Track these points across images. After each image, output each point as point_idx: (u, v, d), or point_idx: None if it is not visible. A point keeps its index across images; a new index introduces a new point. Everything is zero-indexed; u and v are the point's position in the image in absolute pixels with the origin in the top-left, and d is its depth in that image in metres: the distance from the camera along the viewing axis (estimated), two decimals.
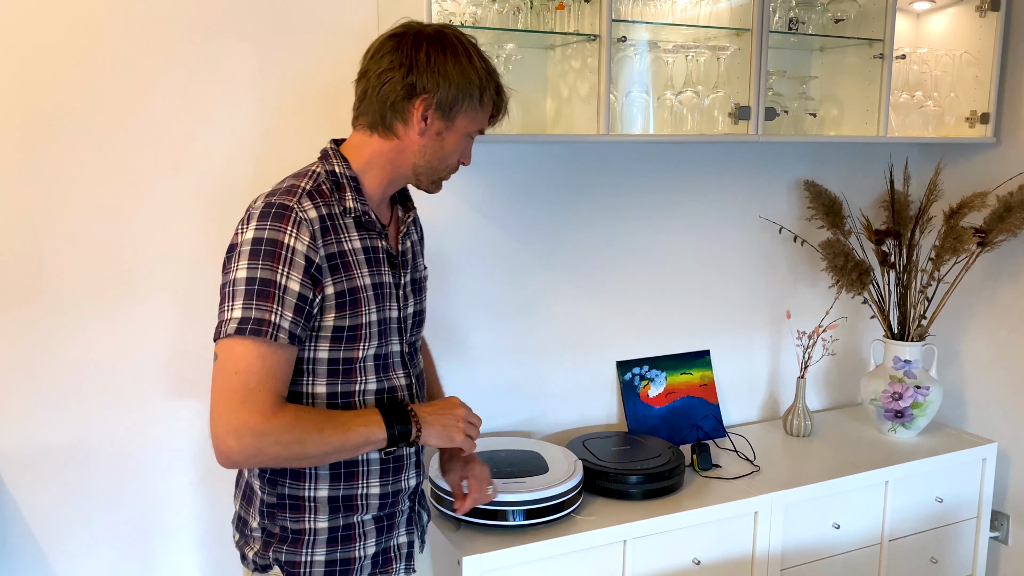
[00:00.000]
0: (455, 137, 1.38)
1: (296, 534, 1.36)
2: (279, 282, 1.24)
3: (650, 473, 1.97)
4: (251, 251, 1.24)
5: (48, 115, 1.68)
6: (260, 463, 1.28)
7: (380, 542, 1.42)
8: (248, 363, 1.22)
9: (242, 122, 1.83)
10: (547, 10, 1.92)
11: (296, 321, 1.25)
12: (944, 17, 2.49)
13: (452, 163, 1.42)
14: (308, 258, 1.26)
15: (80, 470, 1.79)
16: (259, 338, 1.22)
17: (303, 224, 1.26)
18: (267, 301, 1.23)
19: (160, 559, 1.89)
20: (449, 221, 2.07)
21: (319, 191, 1.32)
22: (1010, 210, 2.27)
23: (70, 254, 1.73)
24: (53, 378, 1.74)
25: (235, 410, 1.21)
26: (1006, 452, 2.47)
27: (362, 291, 1.33)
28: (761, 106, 2.07)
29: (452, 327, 2.11)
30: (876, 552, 2.23)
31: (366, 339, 1.35)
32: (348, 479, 1.37)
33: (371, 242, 1.36)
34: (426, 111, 1.33)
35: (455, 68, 1.32)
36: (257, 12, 1.81)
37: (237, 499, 1.44)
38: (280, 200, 1.28)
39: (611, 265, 2.29)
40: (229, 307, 1.24)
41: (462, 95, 1.34)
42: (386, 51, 1.33)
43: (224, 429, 1.21)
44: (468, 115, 1.37)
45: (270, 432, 1.22)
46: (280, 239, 1.24)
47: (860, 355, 2.72)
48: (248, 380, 1.22)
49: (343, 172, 1.35)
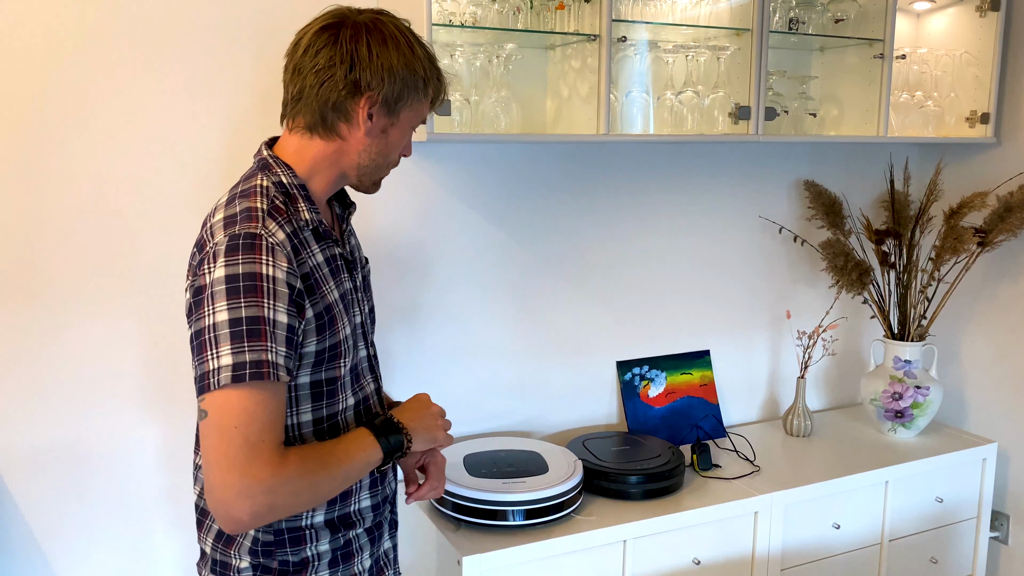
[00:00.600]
0: (399, 132, 1.29)
1: (298, 566, 1.29)
2: (268, 317, 1.12)
3: (650, 473, 1.97)
4: (228, 290, 1.12)
5: (45, 114, 1.68)
6: (271, 519, 1.14)
7: (373, 552, 1.40)
8: (248, 414, 1.10)
9: (242, 122, 1.83)
10: (547, 10, 1.92)
11: (289, 355, 1.15)
12: (944, 17, 2.49)
13: (394, 159, 1.33)
14: (290, 284, 1.15)
15: (79, 470, 1.79)
16: (260, 382, 1.11)
17: (277, 249, 1.15)
18: (260, 340, 1.11)
19: (159, 558, 1.89)
20: (448, 221, 2.08)
21: (276, 208, 1.19)
22: (1010, 210, 2.27)
23: (67, 253, 1.73)
24: (52, 377, 1.74)
25: (241, 470, 1.09)
26: (1006, 452, 2.47)
27: (335, 306, 1.25)
28: (761, 106, 2.07)
29: (452, 327, 2.11)
30: (876, 552, 2.23)
31: (345, 355, 1.28)
32: (343, 498, 1.32)
33: (329, 252, 1.27)
34: (371, 108, 1.23)
35: (399, 60, 1.23)
36: (256, 11, 1.81)
37: (206, 540, 1.31)
38: (244, 229, 1.15)
39: (611, 265, 2.29)
40: (214, 355, 1.11)
41: (407, 89, 1.25)
42: (321, 46, 1.22)
43: (232, 493, 1.09)
44: (412, 108, 1.28)
45: (283, 484, 1.12)
46: (259, 271, 1.13)
47: (860, 355, 2.72)
48: (249, 433, 1.10)
49: (290, 182, 1.24)
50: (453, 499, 1.81)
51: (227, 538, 1.28)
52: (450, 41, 1.89)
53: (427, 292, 2.07)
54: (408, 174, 2.01)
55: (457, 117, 1.91)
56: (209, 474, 1.12)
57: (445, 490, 1.81)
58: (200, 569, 1.35)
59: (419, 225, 2.05)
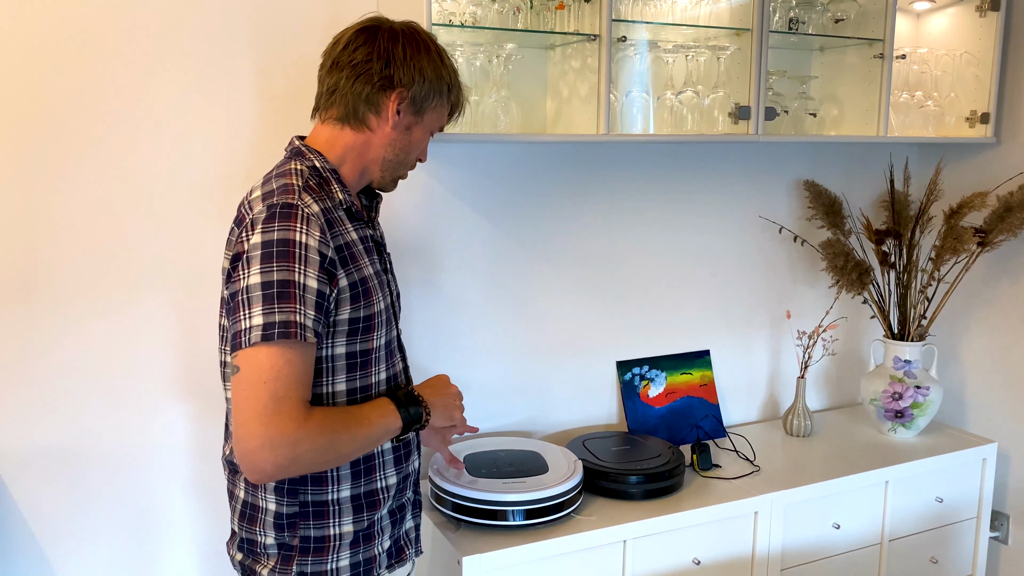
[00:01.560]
0: (421, 132, 1.40)
1: (319, 542, 1.34)
2: (298, 281, 1.20)
3: (650, 473, 1.97)
4: (263, 255, 1.20)
5: (45, 114, 1.68)
6: (293, 473, 1.22)
7: (394, 534, 1.44)
8: (276, 370, 1.17)
9: (242, 122, 1.83)
10: (547, 10, 1.92)
11: (318, 319, 1.23)
12: (944, 17, 2.49)
13: (412, 159, 1.44)
14: (321, 253, 1.23)
15: (79, 470, 1.79)
16: (287, 341, 1.18)
17: (312, 219, 1.23)
18: (289, 302, 1.19)
19: (159, 558, 1.89)
20: (448, 221, 2.08)
21: (309, 187, 1.29)
22: (1010, 210, 2.27)
23: (68, 254, 1.73)
24: (52, 378, 1.74)
25: (267, 422, 1.16)
26: (1006, 452, 2.47)
27: (371, 280, 1.33)
28: (761, 106, 2.07)
29: (452, 327, 2.11)
30: (876, 552, 2.23)
31: (379, 327, 1.35)
32: (367, 473, 1.37)
33: (362, 232, 1.37)
34: (400, 104, 1.34)
35: (429, 65, 1.35)
36: (256, 11, 1.81)
37: (235, 520, 1.39)
38: (282, 199, 1.24)
39: (611, 265, 2.29)
40: (246, 315, 1.19)
41: (434, 91, 1.36)
42: (359, 43, 1.33)
43: (258, 444, 1.16)
44: (436, 111, 1.39)
45: (305, 438, 1.18)
46: (292, 238, 1.21)
47: (860, 355, 2.72)
48: (277, 388, 1.17)
49: (323, 166, 1.34)
50: (453, 499, 1.81)
51: (249, 516, 1.35)
52: (450, 41, 1.89)
53: (427, 292, 2.07)
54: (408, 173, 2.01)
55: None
56: (237, 426, 1.19)
57: (445, 490, 1.83)
58: (229, 548, 1.42)
59: (419, 225, 2.05)
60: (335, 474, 1.34)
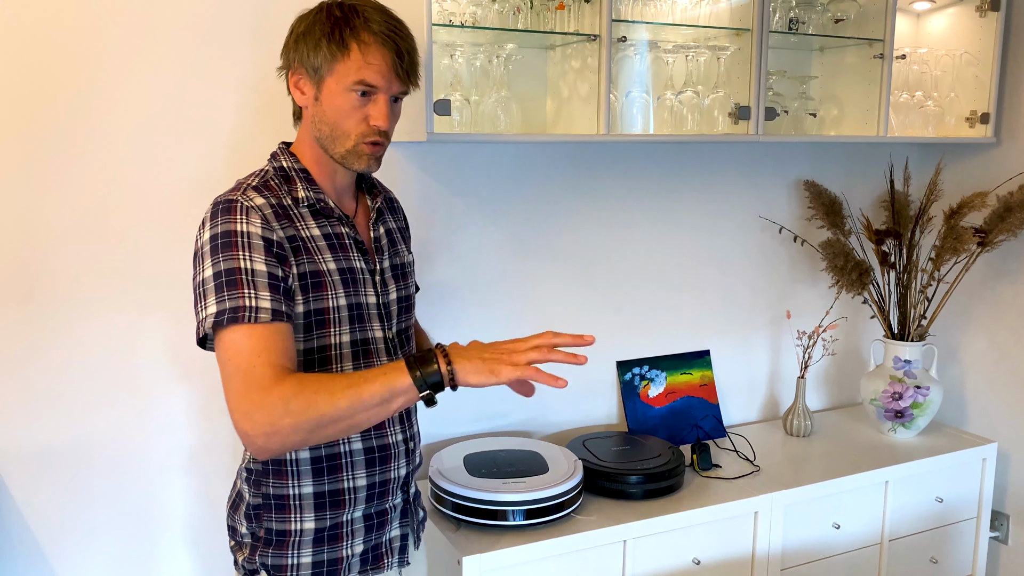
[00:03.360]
0: (331, 96, 1.31)
1: (281, 535, 1.35)
2: (244, 267, 1.23)
3: (650, 473, 1.97)
4: (210, 249, 1.25)
5: (43, 114, 1.68)
6: (284, 441, 1.18)
7: (370, 539, 1.41)
8: (237, 347, 1.20)
9: (241, 122, 1.83)
10: (547, 10, 1.92)
11: (276, 298, 1.23)
12: (944, 17, 2.49)
13: (351, 127, 1.32)
14: (266, 238, 1.25)
15: (78, 469, 1.79)
16: (238, 324, 1.20)
17: (251, 210, 1.26)
18: (237, 288, 1.22)
19: (159, 557, 1.89)
20: (448, 221, 2.08)
21: (266, 185, 1.32)
22: (1010, 210, 2.27)
23: (66, 253, 1.73)
24: (50, 377, 1.74)
25: (240, 394, 1.18)
26: (1006, 452, 2.47)
27: (326, 275, 1.31)
28: (761, 106, 2.07)
29: (452, 327, 2.11)
30: (876, 552, 2.23)
31: (335, 324, 1.33)
32: (331, 472, 1.35)
33: (332, 229, 1.36)
34: (297, 81, 1.34)
35: (302, 26, 1.32)
36: (253, 12, 1.81)
37: (227, 507, 1.44)
38: (226, 197, 1.29)
39: (611, 265, 2.29)
40: (203, 307, 1.24)
41: (310, 49, 1.30)
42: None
43: (238, 417, 1.18)
44: (332, 68, 1.29)
45: (277, 402, 1.16)
46: (233, 228, 1.25)
47: (860, 355, 2.72)
48: (240, 362, 1.19)
49: (291, 166, 1.37)
50: (453, 499, 1.81)
51: (234, 503, 1.42)
52: (450, 41, 1.89)
53: (426, 292, 2.07)
54: (408, 173, 2.01)
55: (457, 117, 1.91)
56: (228, 406, 1.21)
57: (445, 490, 1.82)
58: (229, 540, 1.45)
59: (419, 225, 2.04)
60: (295, 469, 1.34)
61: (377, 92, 1.31)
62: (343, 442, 1.36)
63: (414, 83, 1.37)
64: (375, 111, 1.32)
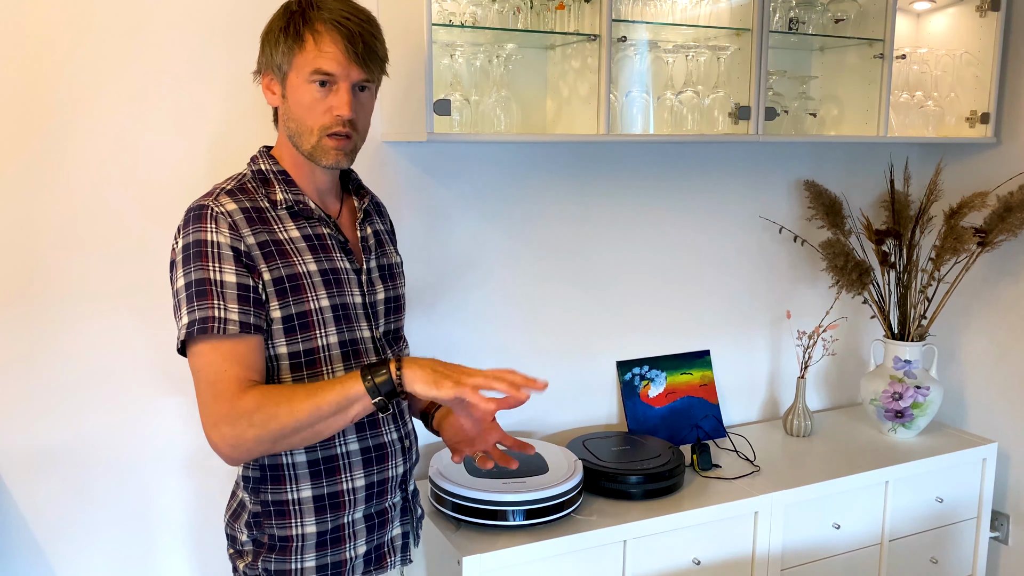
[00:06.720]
0: (294, 91, 1.31)
1: (284, 541, 1.34)
2: (213, 278, 1.25)
3: (650, 473, 1.97)
4: (183, 258, 1.27)
5: (42, 114, 1.68)
6: (251, 450, 1.23)
7: (372, 540, 1.41)
8: (206, 358, 1.24)
9: (241, 122, 1.83)
10: (547, 10, 1.92)
11: (245, 310, 1.25)
12: (944, 17, 2.49)
13: (314, 120, 1.31)
14: (234, 248, 1.26)
15: (78, 469, 1.79)
16: (207, 336, 1.23)
17: (219, 218, 1.27)
18: (207, 299, 1.24)
19: (158, 557, 1.89)
20: (448, 221, 2.07)
21: (242, 189, 1.33)
22: (1010, 210, 2.27)
23: (66, 253, 1.73)
24: (50, 377, 1.74)
25: (208, 406, 1.23)
26: (1006, 452, 2.47)
27: (304, 277, 1.31)
28: (761, 106, 2.07)
29: (452, 327, 2.11)
30: (876, 552, 2.23)
31: (319, 326, 1.32)
32: (330, 474, 1.35)
33: (313, 230, 1.36)
34: (269, 82, 1.36)
35: (264, 32, 1.35)
36: (253, 13, 1.81)
37: (226, 516, 1.43)
38: (198, 203, 1.30)
39: (611, 265, 2.29)
40: (179, 316, 1.26)
41: (272, 47, 1.32)
42: None
43: (207, 428, 1.23)
44: (291, 62, 1.30)
45: (241, 415, 1.20)
46: (204, 238, 1.26)
47: (860, 355, 2.72)
48: (208, 375, 1.23)
49: (269, 168, 1.37)
50: (453, 499, 1.81)
51: (233, 512, 1.41)
52: (450, 41, 1.89)
53: (426, 292, 2.07)
54: (407, 174, 2.01)
55: (457, 117, 1.91)
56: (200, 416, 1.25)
57: (445, 490, 1.82)
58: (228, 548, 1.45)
59: (418, 225, 2.05)
60: (292, 473, 1.33)
61: (337, 81, 1.30)
62: (339, 444, 1.35)
63: (377, 69, 1.34)
64: (336, 100, 1.30)
